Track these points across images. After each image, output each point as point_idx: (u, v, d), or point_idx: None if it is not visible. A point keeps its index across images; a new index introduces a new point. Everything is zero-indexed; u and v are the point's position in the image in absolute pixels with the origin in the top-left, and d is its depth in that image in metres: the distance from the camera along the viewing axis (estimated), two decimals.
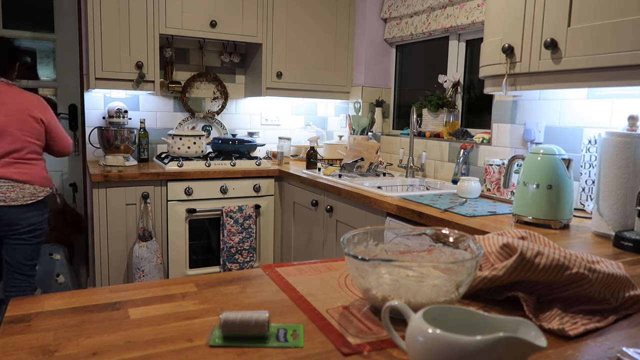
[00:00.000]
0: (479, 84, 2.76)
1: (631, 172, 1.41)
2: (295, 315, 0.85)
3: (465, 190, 2.12)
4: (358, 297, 0.93)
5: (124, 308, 0.86)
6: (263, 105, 3.65)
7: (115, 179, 2.67)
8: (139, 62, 2.88)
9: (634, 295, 0.90)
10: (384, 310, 0.69)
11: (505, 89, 1.76)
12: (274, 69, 3.25)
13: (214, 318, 0.83)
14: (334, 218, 2.50)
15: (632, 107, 1.76)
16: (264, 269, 1.09)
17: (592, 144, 1.83)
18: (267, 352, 0.71)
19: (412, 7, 3.05)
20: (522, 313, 0.84)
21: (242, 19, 3.13)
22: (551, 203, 1.57)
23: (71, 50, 3.24)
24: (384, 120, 3.39)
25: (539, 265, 0.84)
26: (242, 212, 2.97)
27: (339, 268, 1.11)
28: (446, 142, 2.72)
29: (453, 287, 0.80)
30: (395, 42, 3.39)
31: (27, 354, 0.70)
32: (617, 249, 1.36)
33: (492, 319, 0.63)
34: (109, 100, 3.15)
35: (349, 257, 0.82)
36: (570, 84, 1.57)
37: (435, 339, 0.58)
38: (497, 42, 1.78)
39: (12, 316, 0.82)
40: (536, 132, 2.10)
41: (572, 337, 0.78)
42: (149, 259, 2.71)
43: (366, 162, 2.81)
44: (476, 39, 2.79)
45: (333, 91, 3.47)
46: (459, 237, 0.94)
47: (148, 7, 2.87)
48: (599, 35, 1.44)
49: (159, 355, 0.70)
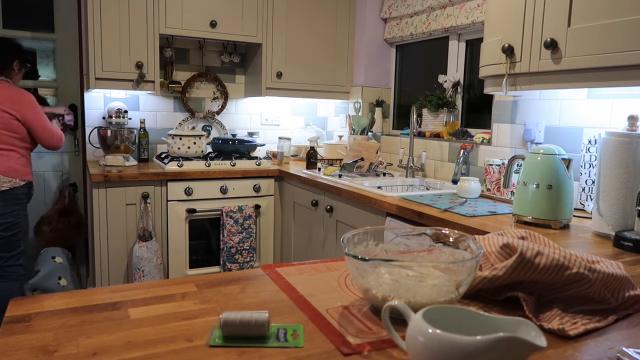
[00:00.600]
0: (479, 84, 2.76)
1: (631, 172, 1.41)
2: (295, 315, 0.85)
3: (465, 190, 2.12)
4: (358, 297, 0.93)
5: (124, 308, 0.86)
6: (263, 105, 3.65)
7: (115, 179, 2.67)
8: (139, 62, 2.88)
9: (634, 295, 0.90)
10: (384, 310, 0.69)
11: (505, 89, 1.76)
12: (274, 69, 3.25)
13: (214, 318, 0.83)
14: (334, 218, 2.50)
15: (632, 107, 1.76)
16: (264, 269, 1.09)
17: (592, 144, 1.83)
18: (267, 352, 0.71)
19: (412, 7, 3.05)
20: (522, 313, 0.84)
21: (242, 19, 3.13)
22: (551, 203, 1.57)
23: (71, 50, 3.24)
24: (384, 120, 3.39)
25: (539, 265, 0.84)
26: (242, 212, 2.97)
27: (339, 268, 1.11)
28: (446, 142, 2.72)
29: (453, 287, 0.80)
30: (395, 42, 3.39)
31: (27, 354, 0.70)
32: (617, 249, 1.36)
33: (492, 319, 0.63)
34: (109, 100, 3.16)
35: (349, 257, 0.82)
36: (570, 84, 1.57)
37: (435, 339, 0.58)
38: (497, 42, 1.78)
39: (12, 316, 0.82)
40: (536, 132, 2.10)
41: (572, 337, 0.78)
42: (149, 259, 2.71)
43: (366, 162, 2.81)
44: (476, 39, 2.79)
45: (333, 91, 3.47)
46: (459, 237, 0.94)
47: (148, 7, 2.87)
48: (599, 35, 1.44)
49: (159, 355, 0.70)
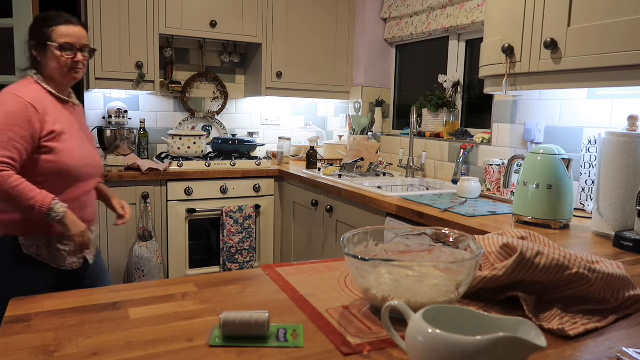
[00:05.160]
0: (479, 84, 2.76)
1: (631, 172, 1.41)
2: (295, 315, 0.85)
3: (465, 190, 2.12)
4: (358, 297, 0.93)
5: (124, 308, 0.86)
6: (263, 105, 3.64)
7: (116, 179, 2.67)
8: (139, 62, 2.88)
9: (634, 295, 0.90)
10: (384, 310, 0.69)
11: (505, 89, 1.76)
12: (273, 69, 3.25)
13: (214, 318, 0.83)
14: (334, 218, 2.50)
15: (632, 107, 1.76)
16: (264, 269, 1.09)
17: (592, 144, 1.83)
18: (267, 352, 0.71)
19: (412, 7, 3.05)
20: (522, 313, 0.84)
21: (242, 19, 3.13)
22: (551, 203, 1.56)
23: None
24: (384, 120, 3.39)
25: (539, 265, 0.84)
26: (242, 212, 2.97)
27: (339, 268, 1.11)
28: (446, 142, 2.72)
29: (453, 287, 0.80)
30: (395, 42, 3.39)
31: (27, 354, 0.70)
32: (617, 249, 1.36)
33: (492, 319, 0.63)
34: (109, 100, 3.15)
35: (349, 257, 0.82)
36: (570, 84, 1.57)
37: (435, 339, 0.58)
38: (497, 42, 1.78)
39: (12, 316, 0.82)
40: (536, 132, 2.10)
41: (572, 337, 0.78)
42: (149, 259, 2.71)
43: (366, 162, 2.81)
44: (476, 39, 2.79)
45: (333, 91, 3.47)
46: (459, 237, 0.94)
47: (148, 7, 2.87)
48: (599, 35, 1.44)
49: (159, 355, 0.70)
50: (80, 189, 1.67)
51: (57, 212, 1.51)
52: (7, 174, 1.46)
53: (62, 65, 1.61)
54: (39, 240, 1.60)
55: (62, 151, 1.59)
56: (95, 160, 1.73)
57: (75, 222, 1.57)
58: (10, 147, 1.48)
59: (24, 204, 1.48)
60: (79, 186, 1.66)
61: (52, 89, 1.64)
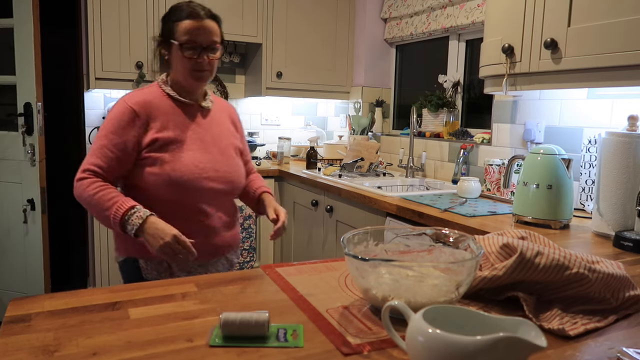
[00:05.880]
0: (479, 84, 2.76)
1: (631, 172, 1.41)
2: (295, 315, 0.85)
3: (465, 190, 2.12)
4: (358, 297, 0.93)
5: (124, 308, 0.86)
6: (263, 105, 3.64)
7: None
8: (139, 62, 2.88)
9: (634, 295, 0.90)
10: (384, 310, 0.69)
11: (505, 89, 1.76)
12: (274, 69, 3.25)
13: (214, 318, 0.83)
14: (334, 218, 2.50)
15: (632, 107, 1.76)
16: (264, 269, 1.09)
17: (592, 144, 1.83)
18: (267, 352, 0.71)
19: (412, 7, 3.05)
20: (522, 313, 0.84)
21: (242, 18, 3.13)
22: (551, 203, 1.56)
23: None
24: (384, 120, 3.39)
25: (539, 265, 0.84)
26: (242, 212, 2.97)
27: (339, 268, 1.11)
28: (446, 142, 2.72)
29: (453, 287, 0.80)
30: (395, 42, 3.39)
31: (27, 354, 0.70)
32: (617, 249, 1.36)
33: (492, 319, 0.63)
34: (109, 100, 3.15)
35: (349, 257, 0.82)
36: (570, 84, 1.57)
37: (435, 339, 0.58)
38: (497, 42, 1.78)
39: (12, 316, 0.82)
40: (536, 132, 2.10)
41: (572, 337, 0.78)
42: None
43: (366, 162, 2.81)
44: (476, 39, 2.79)
45: (333, 91, 3.47)
46: (459, 237, 0.94)
47: (148, 7, 2.87)
48: (599, 35, 1.44)
49: (159, 355, 0.70)
50: (201, 209, 1.40)
51: (131, 223, 1.25)
52: (87, 181, 1.30)
53: (184, 67, 1.40)
54: (160, 266, 1.39)
55: (168, 162, 1.35)
56: (222, 173, 1.43)
57: (156, 234, 1.24)
58: (100, 155, 1.32)
59: (102, 214, 1.28)
60: (199, 206, 1.40)
61: (171, 91, 1.44)
